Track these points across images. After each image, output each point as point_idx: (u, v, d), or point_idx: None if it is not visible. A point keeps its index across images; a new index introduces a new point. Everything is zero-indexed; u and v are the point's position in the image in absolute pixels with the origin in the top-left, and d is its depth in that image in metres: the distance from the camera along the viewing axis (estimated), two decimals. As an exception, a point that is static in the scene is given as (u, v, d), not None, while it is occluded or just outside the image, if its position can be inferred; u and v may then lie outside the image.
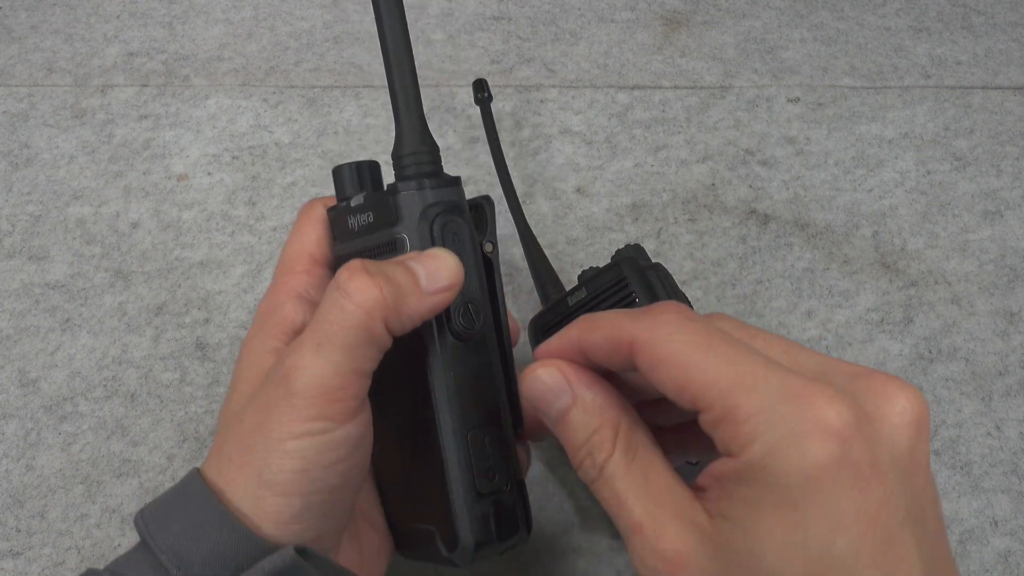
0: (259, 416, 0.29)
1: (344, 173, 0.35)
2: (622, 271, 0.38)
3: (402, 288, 0.29)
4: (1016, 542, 0.43)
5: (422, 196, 0.31)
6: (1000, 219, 0.54)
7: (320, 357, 0.28)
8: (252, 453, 0.28)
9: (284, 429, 0.28)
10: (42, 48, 0.62)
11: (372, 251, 0.32)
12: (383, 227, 0.32)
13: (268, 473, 0.28)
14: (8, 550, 0.41)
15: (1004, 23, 0.66)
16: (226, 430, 0.31)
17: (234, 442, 0.29)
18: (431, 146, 0.32)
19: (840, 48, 0.64)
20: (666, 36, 0.64)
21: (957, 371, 0.48)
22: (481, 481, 0.31)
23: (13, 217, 0.53)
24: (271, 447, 0.28)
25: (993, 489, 0.44)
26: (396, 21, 0.32)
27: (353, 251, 0.33)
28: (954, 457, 0.45)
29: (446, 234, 0.31)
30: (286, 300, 0.33)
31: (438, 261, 0.30)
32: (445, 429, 0.31)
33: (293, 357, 0.28)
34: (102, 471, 0.44)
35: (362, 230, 0.33)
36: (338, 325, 0.28)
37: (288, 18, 0.64)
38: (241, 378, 0.32)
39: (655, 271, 0.39)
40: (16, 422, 0.45)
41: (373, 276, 0.29)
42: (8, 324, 0.48)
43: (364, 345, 0.29)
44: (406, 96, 0.32)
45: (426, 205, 0.31)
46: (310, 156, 0.56)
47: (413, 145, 0.32)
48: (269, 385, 0.29)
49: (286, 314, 0.33)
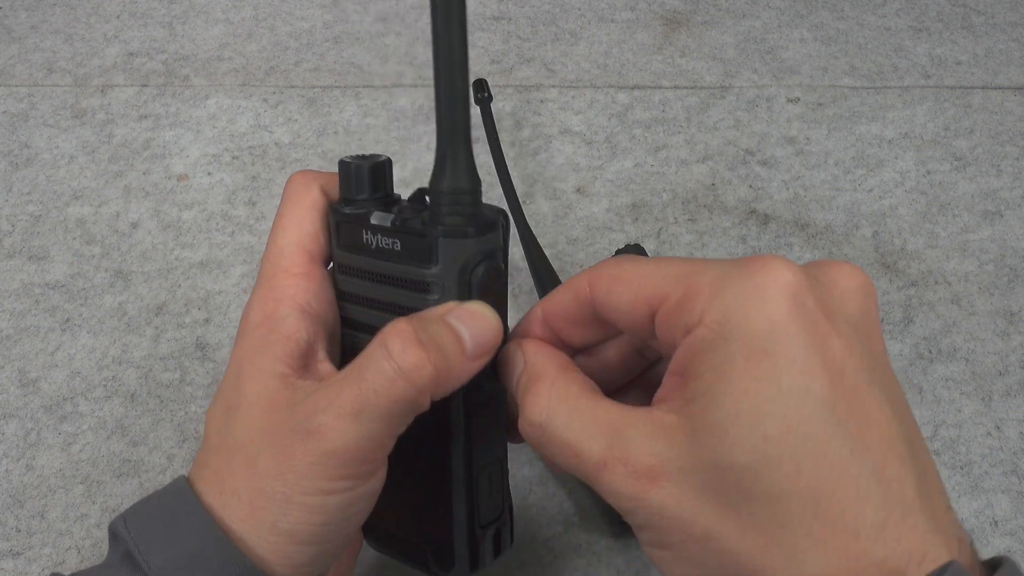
0: (279, 465, 0.27)
1: (356, 173, 0.31)
2: None
3: (451, 358, 0.27)
4: (1016, 542, 0.42)
5: (465, 246, 0.29)
6: (1000, 219, 0.54)
7: (359, 424, 0.27)
8: (269, 500, 0.27)
9: (310, 485, 0.27)
10: (42, 48, 0.62)
11: (394, 280, 0.30)
12: (412, 263, 0.29)
13: (286, 523, 0.27)
14: (8, 550, 0.41)
15: (1004, 23, 0.66)
16: (228, 458, 0.29)
17: (244, 480, 0.28)
18: (476, 183, 0.29)
19: (840, 48, 0.64)
20: (666, 36, 0.64)
21: (957, 371, 0.48)
22: (484, 514, 0.31)
23: (13, 217, 0.53)
24: (292, 499, 0.27)
25: (993, 489, 0.44)
26: (456, 30, 0.27)
27: (366, 270, 0.31)
28: (954, 457, 0.45)
29: (484, 283, 0.29)
30: (288, 313, 0.30)
31: (481, 322, 0.28)
32: (457, 468, 0.30)
33: (328, 417, 0.27)
34: (102, 471, 0.44)
35: (382, 252, 0.30)
36: (385, 397, 0.27)
37: (288, 18, 0.64)
38: (245, 402, 0.29)
39: None
40: (16, 422, 0.45)
41: (427, 350, 0.27)
42: (8, 324, 0.48)
43: (405, 415, 0.28)
44: (454, 123, 0.28)
45: (469, 255, 0.29)
46: (310, 156, 0.56)
47: (458, 183, 0.29)
48: (292, 435, 0.27)
49: (290, 332, 0.30)
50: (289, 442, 0.27)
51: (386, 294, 0.30)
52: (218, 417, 0.30)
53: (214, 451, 0.30)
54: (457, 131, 0.28)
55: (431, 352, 0.27)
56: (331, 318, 0.32)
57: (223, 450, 0.29)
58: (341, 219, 0.31)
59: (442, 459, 0.30)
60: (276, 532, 0.27)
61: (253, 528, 0.27)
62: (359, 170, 0.31)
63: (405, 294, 0.30)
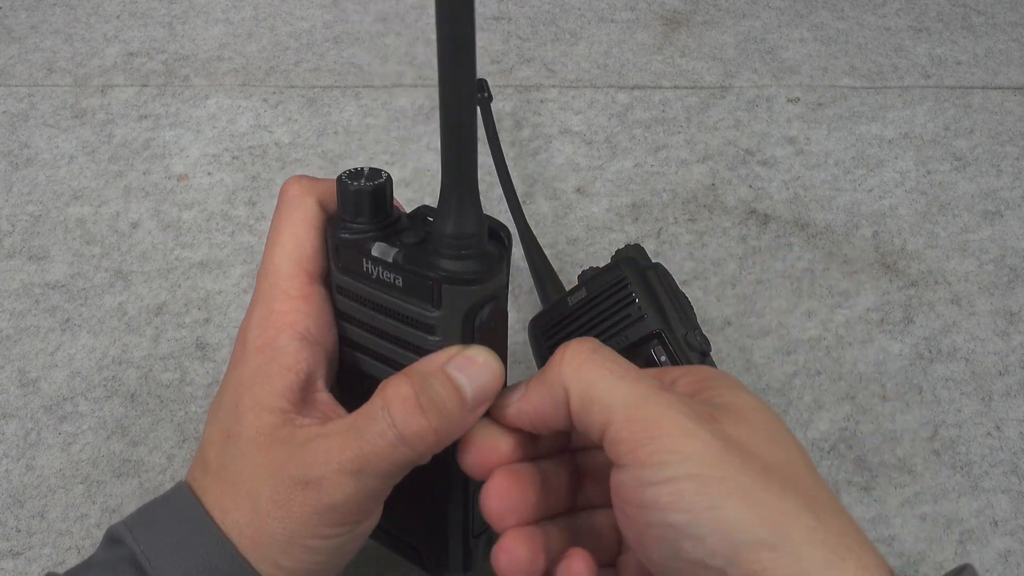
0: (279, 508, 0.28)
1: (357, 198, 0.29)
2: (622, 271, 0.38)
3: (452, 417, 0.28)
4: (1016, 542, 0.42)
5: (471, 293, 0.28)
6: (1000, 219, 0.54)
7: (358, 481, 0.27)
8: (271, 539, 0.28)
9: (309, 531, 0.28)
10: (42, 48, 0.62)
11: (395, 315, 0.29)
12: (414, 302, 0.29)
13: (287, 562, 0.28)
14: (8, 550, 0.41)
15: (1004, 23, 0.66)
16: (230, 488, 0.29)
17: (247, 515, 0.28)
18: (481, 224, 0.28)
19: (840, 48, 0.64)
20: (666, 36, 0.64)
21: (957, 371, 0.48)
22: (477, 524, 0.32)
23: (13, 217, 0.53)
24: (293, 542, 0.28)
25: (993, 489, 0.44)
26: (465, 67, 0.25)
27: (367, 299, 0.30)
28: (954, 457, 0.45)
29: (487, 325, 0.29)
30: (288, 342, 0.30)
31: (483, 370, 0.28)
32: (455, 483, 0.31)
33: (327, 472, 0.27)
34: (102, 471, 0.44)
35: (383, 284, 0.29)
36: (386, 460, 0.27)
37: (288, 18, 0.64)
38: (245, 434, 0.29)
39: (655, 271, 0.39)
40: (16, 422, 0.45)
41: (428, 417, 0.27)
42: (8, 324, 0.48)
43: (406, 471, 0.28)
44: (461, 166, 0.27)
45: (473, 301, 0.28)
46: (310, 156, 0.56)
47: (466, 227, 0.28)
48: (291, 483, 0.28)
49: (289, 363, 0.29)
50: (289, 491, 0.28)
51: (387, 326, 0.30)
52: (217, 439, 0.30)
53: (215, 476, 0.30)
54: (464, 174, 0.27)
55: (432, 417, 0.27)
56: (330, 342, 0.31)
57: (225, 480, 0.29)
58: (339, 242, 0.30)
59: (441, 475, 0.31)
60: (277, 567, 0.28)
61: (256, 559, 0.28)
62: (359, 195, 0.29)
63: (406, 330, 0.29)
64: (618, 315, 0.38)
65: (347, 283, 0.30)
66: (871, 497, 0.44)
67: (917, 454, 0.45)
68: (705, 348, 0.37)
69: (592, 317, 0.39)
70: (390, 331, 0.30)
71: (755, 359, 0.48)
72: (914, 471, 0.45)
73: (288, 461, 0.28)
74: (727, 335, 0.49)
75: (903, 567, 0.42)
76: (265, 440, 0.29)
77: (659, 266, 0.39)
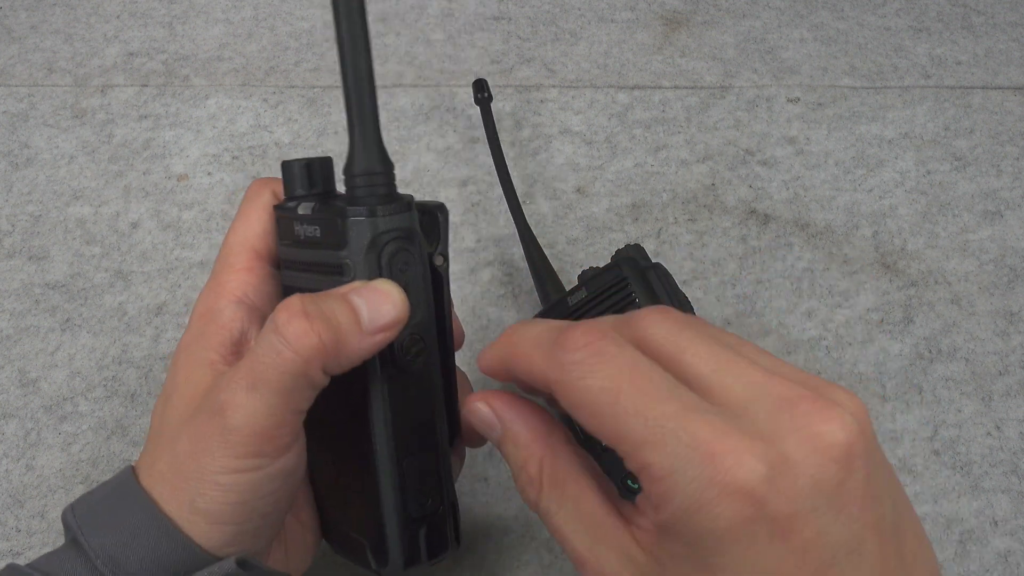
0: (193, 444, 0.28)
1: (294, 171, 0.32)
2: (622, 271, 0.38)
3: (342, 330, 0.28)
4: (1016, 542, 0.42)
5: (372, 224, 0.29)
6: (1000, 219, 0.54)
7: (254, 398, 0.27)
8: (186, 481, 0.28)
9: (218, 464, 0.28)
10: (42, 48, 0.62)
11: (316, 267, 0.31)
12: (329, 247, 0.30)
13: (201, 502, 0.28)
14: (8, 550, 0.41)
15: (1004, 23, 0.66)
16: (159, 443, 0.30)
17: (167, 463, 0.29)
18: (386, 165, 0.30)
19: (840, 48, 0.64)
20: (666, 36, 0.64)
21: (957, 371, 0.48)
22: (414, 506, 0.31)
23: (13, 217, 0.53)
24: (204, 478, 0.28)
25: (993, 489, 0.44)
26: (356, 23, 0.29)
27: (297, 260, 0.32)
28: (954, 457, 0.45)
29: (394, 263, 0.30)
30: (226, 305, 0.32)
31: (382, 297, 0.29)
32: (381, 456, 0.30)
33: (227, 394, 0.28)
34: (102, 471, 0.44)
35: (308, 242, 0.31)
36: (274, 369, 0.27)
37: (288, 18, 0.64)
38: (176, 390, 0.31)
39: (655, 271, 0.39)
40: (16, 422, 0.45)
41: (312, 321, 0.27)
42: (8, 324, 0.48)
43: (300, 388, 0.28)
44: (361, 108, 0.29)
45: (376, 233, 0.29)
46: (310, 156, 0.56)
47: (367, 164, 0.30)
48: (203, 415, 0.28)
49: (224, 322, 0.31)
50: (201, 423, 0.28)
51: (312, 282, 0.31)
52: (158, 407, 0.31)
53: (153, 439, 0.31)
54: (365, 113, 0.29)
55: (315, 322, 0.27)
56: (271, 311, 0.32)
57: (156, 436, 0.31)
58: (279, 215, 0.33)
59: (368, 448, 0.31)
60: (194, 511, 0.28)
61: (175, 508, 0.28)
62: (295, 166, 0.32)
63: (325, 279, 0.30)
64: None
65: (285, 252, 0.32)
66: (871, 497, 0.44)
67: (917, 454, 0.45)
68: None
69: (592, 317, 0.39)
70: (314, 287, 0.30)
71: (755, 359, 0.48)
72: (914, 471, 0.45)
73: (203, 400, 0.29)
74: (727, 335, 0.49)
75: (903, 567, 0.42)
76: (192, 390, 0.30)
77: (659, 266, 0.39)
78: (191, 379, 0.31)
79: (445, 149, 0.56)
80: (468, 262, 0.51)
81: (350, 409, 0.31)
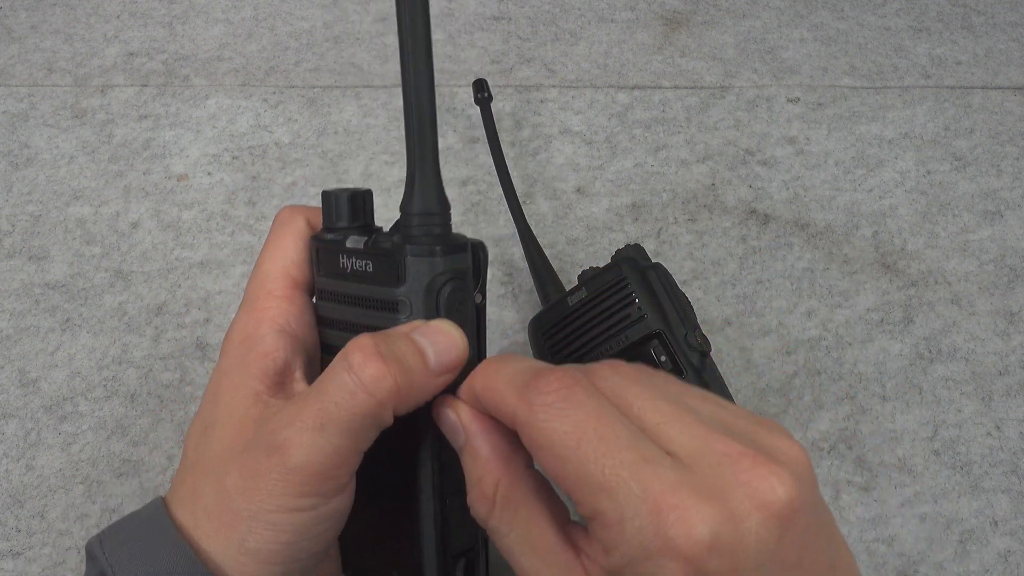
0: (246, 481, 0.28)
1: (337, 202, 0.32)
2: (622, 271, 0.38)
3: (413, 372, 0.28)
4: (1016, 542, 0.42)
5: (432, 264, 0.29)
6: (1000, 219, 0.54)
7: (322, 438, 0.27)
8: (236, 518, 0.27)
9: (275, 502, 0.27)
10: (42, 48, 0.62)
11: (365, 302, 0.31)
12: (383, 284, 0.30)
13: (252, 542, 0.27)
14: (8, 550, 0.41)
15: (1004, 23, 0.66)
16: (200, 476, 0.29)
17: (213, 498, 0.28)
18: (444, 206, 0.30)
19: (840, 48, 0.64)
20: (666, 36, 0.64)
21: (957, 371, 0.48)
22: (452, 543, 0.31)
23: (13, 217, 0.53)
24: (258, 517, 0.27)
25: (993, 489, 0.44)
26: (423, 61, 0.29)
27: (342, 293, 0.32)
28: (954, 457, 0.45)
29: (451, 303, 0.30)
30: (267, 333, 0.31)
31: (446, 339, 0.29)
32: (425, 493, 0.31)
33: (291, 432, 0.27)
34: (102, 471, 0.44)
35: (356, 275, 0.31)
36: (347, 411, 0.27)
37: (288, 18, 0.64)
38: (220, 420, 0.30)
39: (655, 271, 0.39)
40: (16, 422, 0.45)
41: (388, 363, 0.27)
42: (8, 324, 0.48)
43: (368, 429, 0.28)
44: (423, 148, 0.30)
45: (435, 274, 0.29)
46: (310, 156, 0.56)
47: (427, 204, 0.30)
48: (259, 452, 0.28)
49: (267, 351, 0.30)
50: (255, 459, 0.27)
51: (360, 316, 0.31)
52: (195, 435, 0.30)
53: (190, 469, 0.30)
54: (426, 154, 0.30)
55: (391, 364, 0.27)
56: (311, 342, 0.32)
57: (198, 468, 0.29)
58: (320, 245, 0.32)
59: (412, 483, 0.31)
60: (244, 551, 0.27)
61: (222, 546, 0.28)
62: (338, 198, 0.32)
63: (377, 315, 0.30)
64: (618, 315, 0.38)
65: (326, 283, 0.32)
66: (871, 497, 0.44)
67: (917, 454, 0.45)
68: (705, 348, 0.37)
69: (592, 317, 0.39)
70: (364, 321, 0.30)
71: (755, 359, 0.48)
72: (914, 471, 0.45)
73: (257, 434, 0.28)
74: (727, 335, 0.49)
75: (903, 567, 0.42)
76: (239, 421, 0.29)
77: (659, 266, 0.39)
78: (236, 410, 0.30)
79: (445, 149, 0.56)
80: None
81: (397, 445, 0.31)
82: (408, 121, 0.30)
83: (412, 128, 0.30)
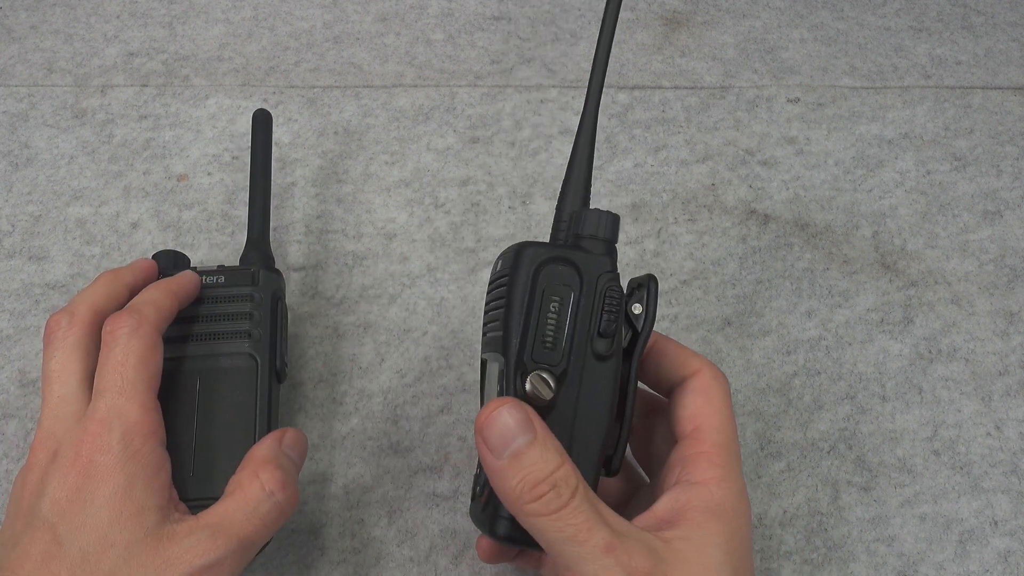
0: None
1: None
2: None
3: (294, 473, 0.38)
4: (1016, 542, 0.43)
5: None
6: (1000, 219, 0.54)
7: (250, 552, 0.34)
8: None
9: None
10: (42, 48, 0.62)
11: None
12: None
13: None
14: (8, 550, 0.41)
15: (1004, 23, 0.66)
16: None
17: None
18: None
19: (840, 48, 0.64)
20: (666, 36, 0.64)
21: (957, 371, 0.48)
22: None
23: (13, 217, 0.53)
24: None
25: (993, 489, 0.44)
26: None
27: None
28: (954, 457, 0.45)
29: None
30: (153, 448, 0.34)
31: (296, 439, 0.38)
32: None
33: (229, 552, 0.33)
34: (102, 471, 0.44)
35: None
36: (271, 529, 0.35)
37: (288, 18, 0.64)
38: (124, 539, 0.32)
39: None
40: (16, 422, 0.45)
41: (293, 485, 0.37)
42: (8, 324, 0.48)
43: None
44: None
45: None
46: (310, 156, 0.56)
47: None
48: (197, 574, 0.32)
49: (158, 465, 0.34)
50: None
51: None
52: (73, 558, 0.31)
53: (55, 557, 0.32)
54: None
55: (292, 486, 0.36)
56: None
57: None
58: None
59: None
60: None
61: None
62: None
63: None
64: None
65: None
66: (871, 497, 0.44)
67: (917, 454, 0.45)
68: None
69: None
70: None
71: (755, 359, 0.48)
72: (914, 471, 0.45)
73: (183, 553, 0.32)
74: (727, 335, 0.49)
75: (903, 567, 0.42)
76: (152, 539, 0.32)
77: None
78: (145, 525, 0.33)
79: (445, 149, 0.56)
80: (468, 262, 0.51)
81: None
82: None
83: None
